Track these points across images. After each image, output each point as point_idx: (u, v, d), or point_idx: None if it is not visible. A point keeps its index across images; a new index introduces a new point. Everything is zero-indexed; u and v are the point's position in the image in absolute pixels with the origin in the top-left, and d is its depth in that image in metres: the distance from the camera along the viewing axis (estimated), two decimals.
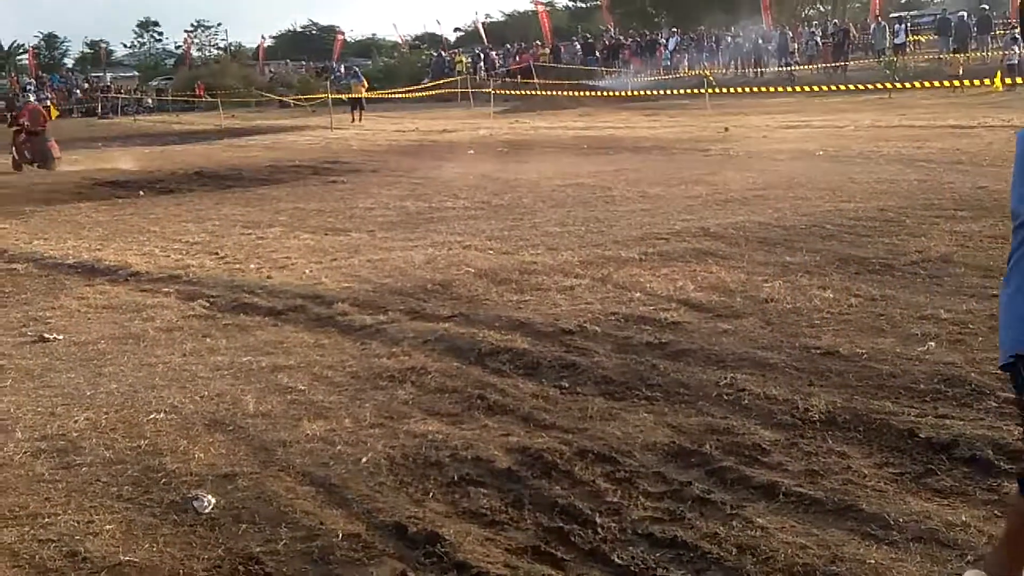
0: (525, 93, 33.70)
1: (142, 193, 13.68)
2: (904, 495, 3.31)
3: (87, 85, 52.93)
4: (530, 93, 33.46)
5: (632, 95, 29.29)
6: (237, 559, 3.11)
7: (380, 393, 4.60)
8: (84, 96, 50.23)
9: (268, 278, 7.20)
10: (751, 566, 2.91)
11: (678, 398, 4.31)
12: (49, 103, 19.45)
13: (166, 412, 4.45)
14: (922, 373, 4.38)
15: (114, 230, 10.08)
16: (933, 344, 4.78)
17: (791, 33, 36.11)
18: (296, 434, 4.10)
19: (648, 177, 11.96)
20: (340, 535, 3.20)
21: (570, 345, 5.10)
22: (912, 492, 3.33)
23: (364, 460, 3.79)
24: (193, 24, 76.67)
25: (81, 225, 10.56)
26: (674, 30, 41.10)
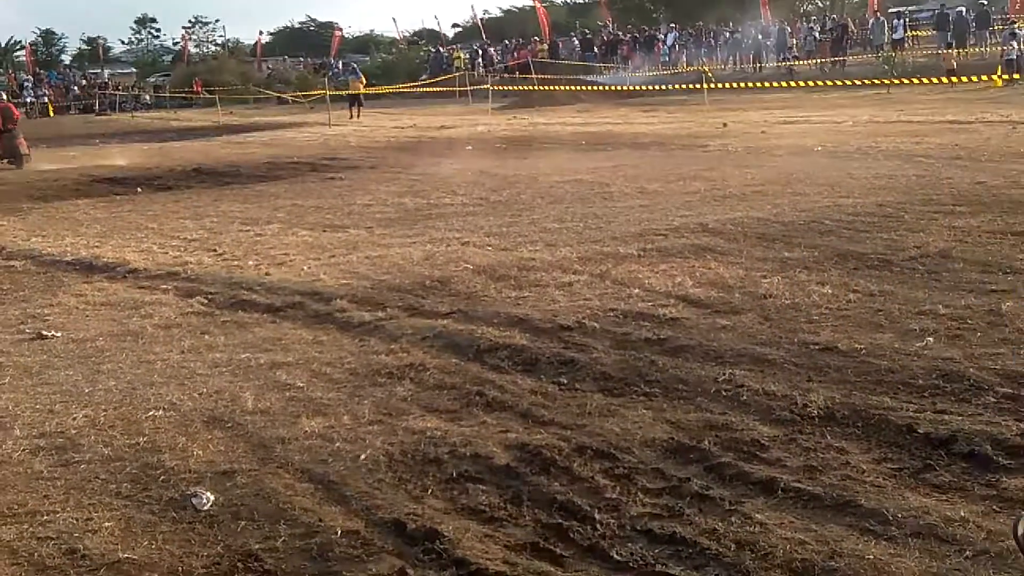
0: (523, 89, 33.71)
1: (140, 190, 13.66)
2: (903, 490, 3.31)
3: (85, 82, 52.84)
4: (528, 89, 33.47)
5: (630, 91, 29.28)
6: (236, 556, 3.11)
7: (379, 390, 4.60)
8: (82, 92, 50.15)
9: (266, 275, 7.19)
10: (750, 562, 2.92)
11: (677, 394, 4.31)
12: (10, 104, 19.25)
13: (164, 409, 4.45)
14: (920, 368, 4.38)
15: (112, 227, 10.07)
16: (932, 339, 4.78)
17: (789, 28, 36.09)
18: (295, 431, 4.10)
19: (646, 173, 11.95)
20: (339, 532, 3.21)
21: (568, 341, 5.10)
22: (911, 487, 3.34)
23: (363, 457, 3.79)
24: (191, 20, 76.52)
25: (79, 222, 10.55)
26: (672, 26, 41.03)
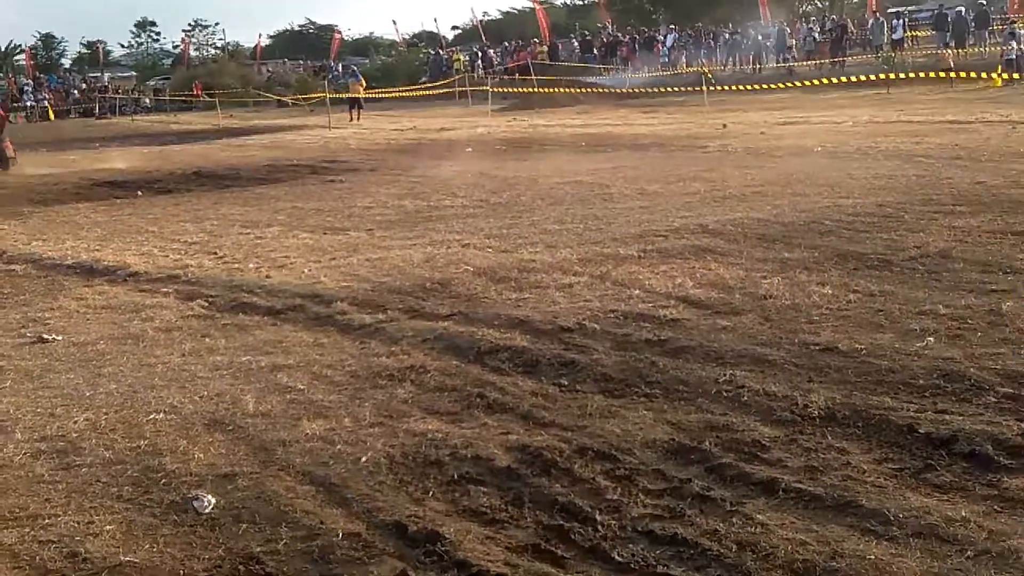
0: (523, 91, 33.73)
1: (140, 193, 13.66)
2: (904, 491, 3.31)
3: (85, 85, 52.89)
4: (528, 91, 33.50)
5: (630, 92, 29.29)
6: (237, 559, 3.11)
7: (379, 392, 4.60)
8: (82, 96, 50.20)
9: (267, 277, 7.19)
10: (751, 563, 2.91)
11: (677, 395, 4.31)
12: None
13: (165, 412, 4.45)
14: (921, 368, 4.38)
15: (112, 230, 10.07)
16: (932, 339, 4.78)
17: (789, 29, 36.11)
18: (296, 433, 4.10)
19: (646, 174, 11.95)
20: (340, 534, 3.21)
21: (569, 343, 5.10)
22: (912, 488, 3.33)
23: (364, 459, 3.79)
24: (191, 23, 76.62)
25: (79, 226, 10.55)
26: (672, 27, 41.08)
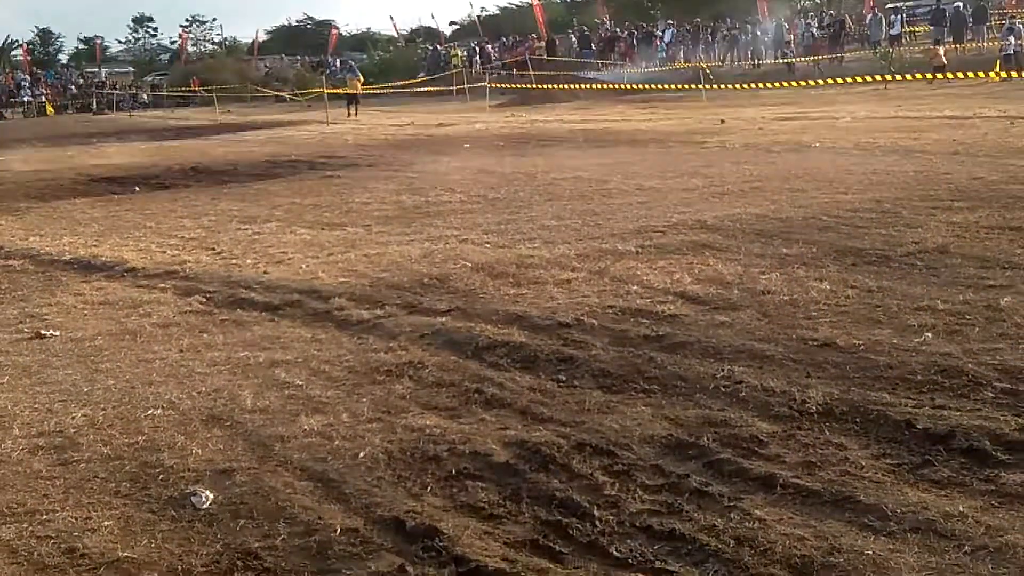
0: (521, 87, 33.71)
1: (138, 189, 13.64)
2: (902, 486, 3.31)
3: (82, 81, 52.84)
4: (526, 86, 33.46)
5: (628, 88, 29.26)
6: (235, 554, 3.11)
7: (377, 388, 4.60)
8: (79, 92, 50.13)
9: (265, 273, 7.19)
10: (749, 558, 2.92)
11: (675, 391, 4.31)
12: None
13: (163, 408, 4.45)
14: (919, 364, 4.38)
15: (110, 226, 10.06)
16: (930, 335, 4.78)
17: (787, 25, 36.09)
18: (294, 429, 4.10)
19: (644, 170, 11.95)
20: (338, 530, 3.20)
21: (567, 338, 5.09)
22: (909, 483, 3.34)
23: (362, 455, 3.79)
24: (188, 19, 76.63)
25: (77, 221, 10.54)
26: (670, 22, 41.07)
